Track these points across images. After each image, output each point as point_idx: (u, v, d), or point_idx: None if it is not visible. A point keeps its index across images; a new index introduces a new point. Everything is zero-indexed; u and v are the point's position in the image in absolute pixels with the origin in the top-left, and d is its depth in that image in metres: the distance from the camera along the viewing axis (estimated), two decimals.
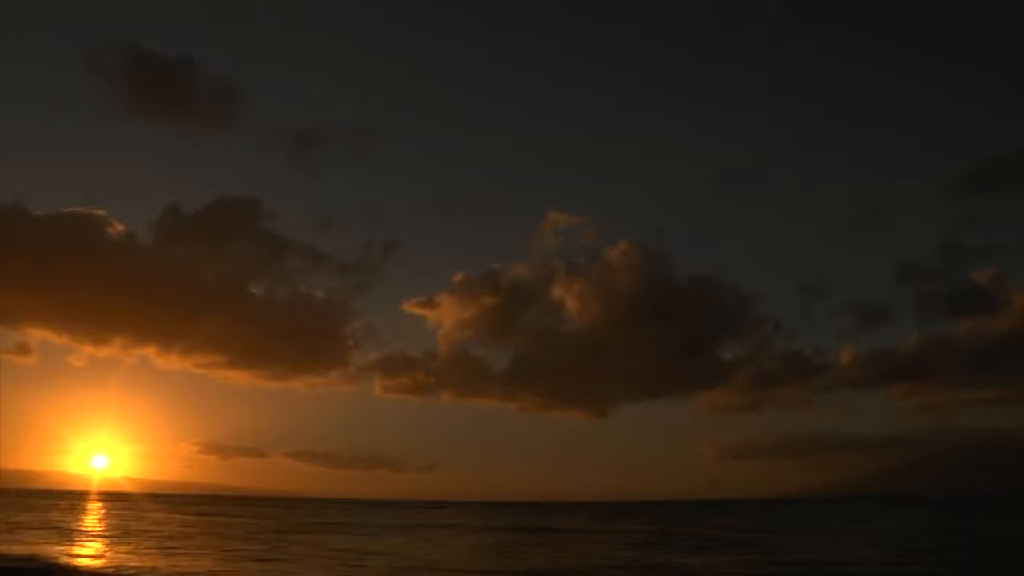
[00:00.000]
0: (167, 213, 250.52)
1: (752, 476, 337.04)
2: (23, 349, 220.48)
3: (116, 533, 42.32)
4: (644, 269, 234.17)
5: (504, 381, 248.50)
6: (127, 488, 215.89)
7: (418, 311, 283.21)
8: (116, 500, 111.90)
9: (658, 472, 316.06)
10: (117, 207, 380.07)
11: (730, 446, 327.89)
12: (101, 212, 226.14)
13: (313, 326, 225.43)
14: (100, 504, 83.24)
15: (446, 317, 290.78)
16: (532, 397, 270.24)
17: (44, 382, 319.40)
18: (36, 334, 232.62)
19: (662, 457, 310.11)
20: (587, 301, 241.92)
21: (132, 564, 29.88)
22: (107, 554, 32.09)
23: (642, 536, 47.13)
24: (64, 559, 30.14)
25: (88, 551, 32.21)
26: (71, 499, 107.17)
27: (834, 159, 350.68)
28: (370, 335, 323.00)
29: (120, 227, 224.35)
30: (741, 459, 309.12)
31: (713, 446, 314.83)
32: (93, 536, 40.78)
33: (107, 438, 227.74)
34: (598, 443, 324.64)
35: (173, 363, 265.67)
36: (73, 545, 32.76)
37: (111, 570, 29.08)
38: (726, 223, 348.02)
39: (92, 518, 54.24)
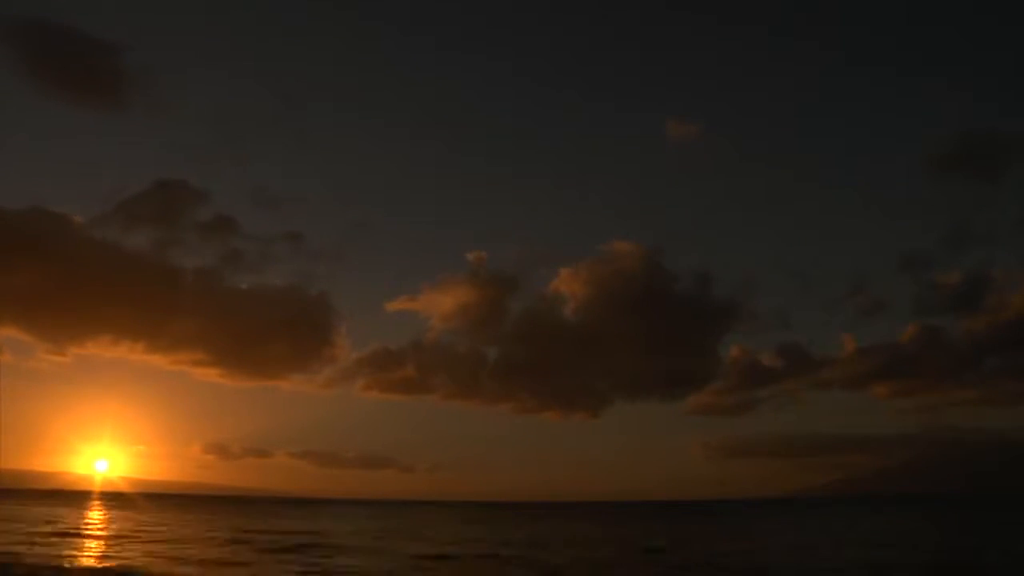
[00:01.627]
0: (120, 203, 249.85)
1: (746, 476, 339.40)
2: None
3: None
4: (639, 267, 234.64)
5: (498, 381, 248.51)
6: (126, 490, 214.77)
7: (407, 307, 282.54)
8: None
9: (656, 473, 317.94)
10: (69, 201, 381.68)
11: (724, 446, 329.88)
12: (59, 207, 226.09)
13: (299, 322, 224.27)
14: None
15: (435, 315, 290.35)
16: (526, 397, 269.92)
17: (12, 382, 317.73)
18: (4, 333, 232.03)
19: (659, 457, 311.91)
20: (582, 299, 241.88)
21: None
22: None
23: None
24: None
25: None
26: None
27: (831, 157, 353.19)
28: (356, 333, 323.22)
29: (79, 221, 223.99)
30: (736, 458, 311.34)
31: (708, 446, 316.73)
32: None
33: (83, 436, 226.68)
34: (592, 444, 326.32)
35: (141, 359, 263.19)
36: None
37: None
38: (722, 222, 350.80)
39: None
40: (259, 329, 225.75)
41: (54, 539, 37.48)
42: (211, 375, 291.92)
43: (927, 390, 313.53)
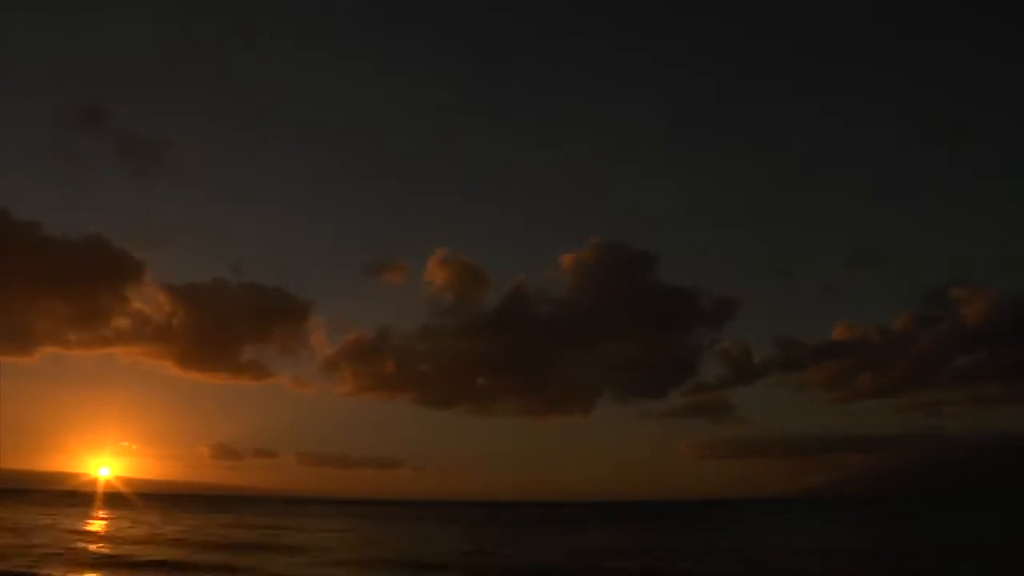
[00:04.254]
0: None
1: (740, 476, 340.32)
2: None
3: None
4: (627, 261, 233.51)
5: (488, 381, 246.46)
6: (124, 491, 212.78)
7: (391, 290, 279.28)
8: None
9: (648, 472, 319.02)
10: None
11: (715, 445, 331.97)
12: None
13: (274, 316, 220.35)
14: None
15: (424, 313, 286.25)
16: (515, 398, 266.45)
17: None
18: None
19: (649, 458, 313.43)
20: (572, 295, 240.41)
21: None
22: None
23: None
24: None
25: None
26: None
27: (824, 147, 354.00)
28: (337, 328, 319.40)
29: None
30: (728, 458, 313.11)
31: (698, 445, 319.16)
32: None
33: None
34: (586, 444, 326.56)
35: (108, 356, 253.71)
36: None
37: None
38: (710, 222, 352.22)
39: None
40: (233, 323, 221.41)
41: None
42: (182, 371, 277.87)
43: (921, 389, 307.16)
